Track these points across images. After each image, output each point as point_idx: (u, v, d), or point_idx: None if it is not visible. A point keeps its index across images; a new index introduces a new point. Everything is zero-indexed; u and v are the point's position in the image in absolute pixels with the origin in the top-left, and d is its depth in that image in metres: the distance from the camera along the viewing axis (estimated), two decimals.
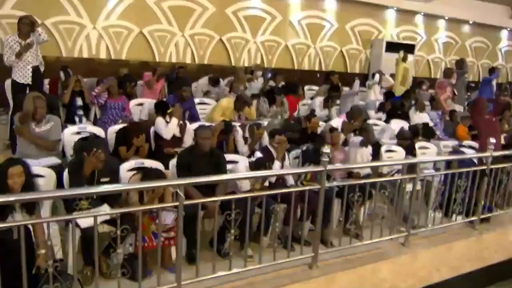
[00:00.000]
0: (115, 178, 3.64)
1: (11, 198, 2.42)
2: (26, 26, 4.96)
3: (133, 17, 7.25)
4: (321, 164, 3.45)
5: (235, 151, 4.88)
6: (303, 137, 5.51)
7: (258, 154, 4.38)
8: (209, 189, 3.70)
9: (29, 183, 2.82)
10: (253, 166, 3.93)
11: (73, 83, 5.17)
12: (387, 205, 4.37)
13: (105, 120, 5.35)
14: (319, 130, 5.63)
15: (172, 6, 7.55)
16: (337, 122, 5.73)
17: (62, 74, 5.71)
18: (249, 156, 4.75)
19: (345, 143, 5.37)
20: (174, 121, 4.70)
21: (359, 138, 5.11)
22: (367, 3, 9.43)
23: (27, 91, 5.15)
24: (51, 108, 4.60)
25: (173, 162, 4.15)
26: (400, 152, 5.62)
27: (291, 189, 3.44)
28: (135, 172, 3.61)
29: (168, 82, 6.78)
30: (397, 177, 4.26)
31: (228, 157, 4.31)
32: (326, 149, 3.45)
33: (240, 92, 6.55)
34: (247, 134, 4.97)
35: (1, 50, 6.14)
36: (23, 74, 5.09)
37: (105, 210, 3.31)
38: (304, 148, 4.68)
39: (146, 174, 3.42)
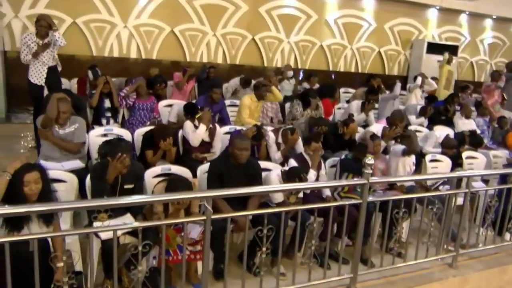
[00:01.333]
0: (139, 184, 3.42)
1: (25, 209, 2.21)
2: (43, 29, 4.79)
3: (164, 16, 7.08)
4: (364, 177, 3.12)
5: (267, 157, 4.59)
6: (339, 143, 5.16)
7: (293, 162, 4.07)
8: (240, 201, 3.43)
9: (46, 191, 2.61)
10: (286, 176, 3.61)
11: (101, 85, 5.00)
12: (433, 221, 3.97)
13: (133, 122, 5.17)
14: (356, 136, 5.28)
15: (204, 5, 7.34)
16: (376, 128, 5.33)
17: (90, 74, 5.56)
18: (282, 164, 4.45)
19: (385, 150, 4.99)
20: (203, 127, 4.44)
21: (401, 147, 4.70)
22: (408, 1, 8.94)
23: (43, 93, 5.04)
24: (77, 109, 4.45)
25: (201, 169, 3.91)
26: (446, 162, 5.19)
27: (331, 204, 3.10)
28: (160, 180, 3.36)
29: (198, 83, 6.56)
30: (447, 191, 3.86)
31: (260, 164, 4.02)
32: (370, 160, 3.10)
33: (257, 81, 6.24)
34: (280, 140, 4.66)
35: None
36: (38, 74, 4.95)
37: (127, 222, 3.10)
38: (343, 156, 4.33)
39: (172, 183, 3.16)
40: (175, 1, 7.10)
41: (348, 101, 7.47)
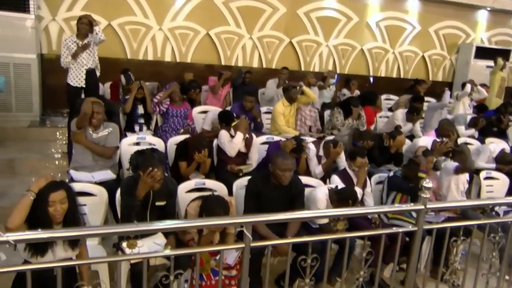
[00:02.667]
0: (171, 202, 3.19)
1: (49, 235, 2.00)
2: (85, 26, 4.78)
3: (200, 18, 6.88)
4: (420, 201, 2.76)
5: (307, 171, 4.28)
6: (385, 156, 4.79)
7: (336, 179, 3.75)
8: (280, 223, 3.15)
9: (73, 211, 2.41)
10: (337, 196, 3.28)
11: (135, 90, 4.83)
12: (495, 251, 3.55)
13: (166, 129, 4.98)
14: (403, 149, 4.90)
15: (241, 7, 7.09)
16: (425, 141, 4.91)
17: (123, 78, 5.41)
18: (323, 179, 4.13)
19: (433, 166, 4.58)
20: (240, 136, 4.18)
21: (453, 164, 4.28)
22: (456, 3, 8.39)
23: (82, 95, 4.94)
24: (110, 115, 4.29)
25: (237, 184, 3.65)
26: (503, 180, 4.74)
27: (383, 231, 2.76)
28: (194, 197, 3.12)
29: (233, 88, 6.31)
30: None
31: (301, 179, 3.72)
32: (428, 183, 2.75)
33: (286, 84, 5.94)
34: (321, 152, 4.34)
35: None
36: (77, 77, 4.86)
37: (157, 242, 2.88)
38: (391, 173, 3.96)
39: (207, 203, 2.91)
40: (211, 3, 6.89)
41: (390, 109, 7.05)
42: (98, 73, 5.08)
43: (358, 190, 3.63)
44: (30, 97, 5.81)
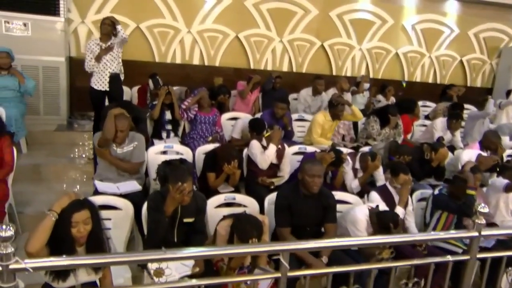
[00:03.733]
0: (200, 218, 3.00)
1: (71, 262, 1.84)
2: (107, 27, 4.67)
3: (229, 21, 6.69)
4: (475, 228, 2.49)
5: (343, 184, 4.03)
6: (425, 169, 4.48)
7: (375, 196, 3.48)
8: (312, 235, 2.95)
9: (96, 231, 2.24)
10: (378, 219, 3.02)
11: (163, 96, 4.67)
12: None
13: (194, 136, 4.80)
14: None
15: (272, 9, 6.86)
16: (469, 154, 4.58)
17: (151, 82, 5.28)
18: (360, 194, 3.87)
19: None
20: (273, 148, 3.95)
21: (502, 181, 3.93)
22: (498, 3, 7.91)
23: (105, 100, 4.83)
24: (137, 121, 4.14)
25: (269, 199, 3.43)
26: None
27: (432, 260, 2.48)
28: (225, 215, 2.91)
29: (263, 93, 6.09)
30: None
31: (337, 195, 3.48)
32: (483, 207, 2.47)
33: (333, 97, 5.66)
34: (357, 165, 4.07)
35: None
36: (100, 80, 4.75)
37: (186, 263, 2.69)
38: (436, 191, 3.66)
39: (239, 223, 2.70)
40: (241, 5, 6.69)
41: (427, 117, 6.69)
42: (122, 77, 4.96)
43: (400, 210, 3.36)
44: (57, 100, 5.76)
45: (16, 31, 5.39)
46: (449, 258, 2.59)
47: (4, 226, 1.68)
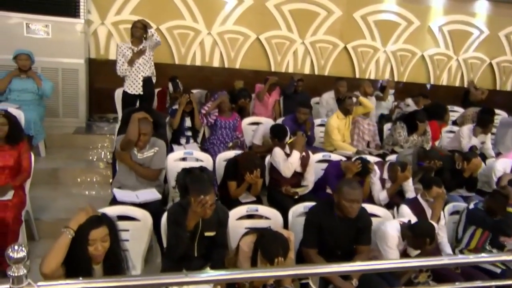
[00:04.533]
0: (221, 232, 2.86)
1: (87, 285, 1.69)
2: (139, 30, 4.60)
3: (250, 22, 6.54)
4: None
5: (369, 195, 3.83)
6: (457, 180, 4.25)
7: (406, 211, 3.28)
8: (341, 258, 2.76)
9: (115, 249, 2.12)
10: (413, 233, 2.82)
11: (183, 105, 4.53)
12: None
13: (214, 141, 4.67)
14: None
15: (294, 10, 6.68)
16: (503, 164, 4.33)
17: (170, 86, 5.17)
18: (388, 206, 3.67)
19: None
20: (296, 155, 3.78)
21: None
22: None
23: (137, 103, 4.74)
24: (156, 126, 4.01)
25: (294, 211, 3.26)
26: None
27: (475, 284, 2.27)
28: (248, 230, 2.76)
29: (284, 97, 5.92)
30: None
31: (365, 207, 3.28)
32: None
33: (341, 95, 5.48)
34: (385, 175, 3.87)
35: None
36: (134, 84, 4.66)
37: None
38: (471, 205, 3.43)
39: (263, 240, 2.54)
40: (262, 6, 6.53)
41: (454, 122, 6.42)
42: (154, 80, 4.88)
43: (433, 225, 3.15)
44: (76, 102, 5.71)
45: (37, 33, 5.35)
46: (493, 284, 2.39)
47: (16, 247, 1.56)
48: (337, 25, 6.96)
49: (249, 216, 3.24)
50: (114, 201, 3.42)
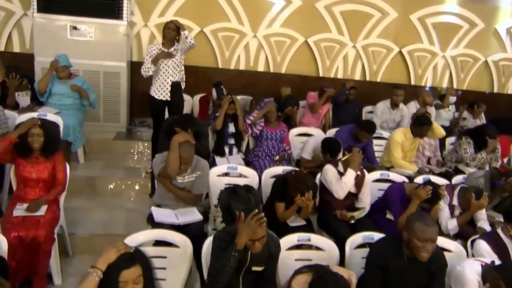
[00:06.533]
0: (272, 266, 2.51)
1: None
2: (171, 31, 4.32)
3: (298, 25, 6.15)
4: None
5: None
6: None
7: (485, 247, 2.80)
8: None
9: None
10: (499, 276, 2.35)
11: (226, 105, 4.24)
12: None
13: (259, 153, 4.34)
14: None
15: (345, 11, 6.24)
16: None
17: (214, 92, 4.87)
18: (458, 237, 3.19)
19: None
20: (351, 174, 3.36)
21: None
22: None
23: (165, 110, 4.49)
24: (197, 136, 3.72)
25: (351, 242, 2.85)
26: None
27: None
28: (302, 268, 2.37)
29: (334, 105, 5.48)
30: None
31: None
32: None
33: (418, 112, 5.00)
34: (455, 201, 3.38)
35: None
36: (161, 89, 4.41)
37: None
38: None
39: (320, 282, 2.15)
40: (311, 8, 6.13)
41: None
42: (183, 86, 4.60)
43: None
44: (117, 107, 5.53)
45: (80, 36, 5.22)
46: None
47: None
48: (392, 27, 6.45)
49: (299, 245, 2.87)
50: (151, 219, 3.16)
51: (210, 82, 5.22)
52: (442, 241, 2.93)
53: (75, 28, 5.18)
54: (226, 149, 4.32)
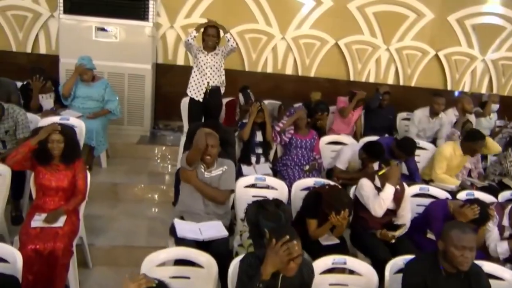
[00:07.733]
0: None
1: None
2: (211, 38, 4.22)
3: (329, 26, 5.89)
4: None
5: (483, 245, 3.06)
6: None
7: None
8: None
9: None
10: None
11: (254, 114, 4.03)
12: None
13: (287, 162, 4.11)
14: None
15: (379, 13, 5.93)
16: None
17: (241, 97, 4.67)
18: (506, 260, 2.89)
19: None
20: (390, 190, 3.09)
21: None
22: None
23: (202, 113, 4.33)
24: (224, 144, 3.52)
25: (392, 265, 2.59)
26: None
27: None
28: None
29: (366, 110, 5.19)
30: None
31: (483, 264, 2.54)
32: None
33: (466, 125, 4.67)
34: (505, 221, 3.07)
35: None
36: (197, 89, 4.30)
37: None
38: None
39: None
40: (343, 8, 5.86)
41: None
42: (223, 90, 4.47)
43: None
44: (141, 110, 5.40)
45: (105, 37, 5.11)
46: None
47: None
48: (428, 29, 6.12)
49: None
50: (173, 231, 2.97)
51: (237, 85, 5.01)
52: (494, 268, 2.65)
53: (101, 29, 5.08)
54: (253, 158, 4.11)
